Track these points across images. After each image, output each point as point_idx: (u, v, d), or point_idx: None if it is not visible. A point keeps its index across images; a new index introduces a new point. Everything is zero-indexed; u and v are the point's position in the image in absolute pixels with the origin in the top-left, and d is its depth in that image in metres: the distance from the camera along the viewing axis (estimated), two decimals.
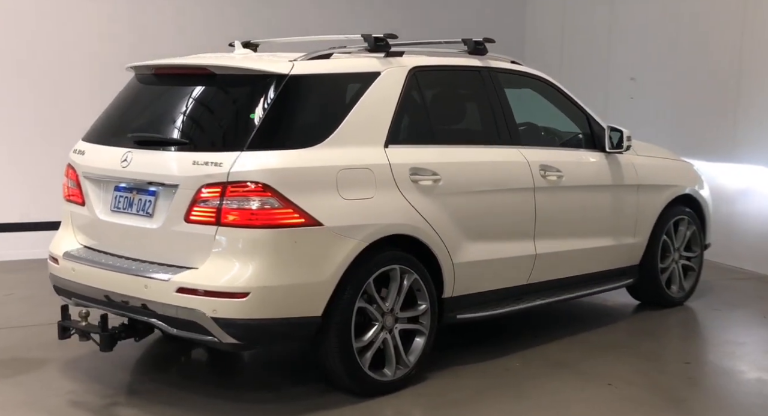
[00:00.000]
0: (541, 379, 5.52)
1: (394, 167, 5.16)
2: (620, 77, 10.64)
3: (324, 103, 5.20)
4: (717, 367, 5.93)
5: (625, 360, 5.90)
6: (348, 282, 4.92)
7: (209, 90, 5.15)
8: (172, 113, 5.23)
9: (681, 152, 7.93)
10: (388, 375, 5.19)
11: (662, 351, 6.19)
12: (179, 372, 5.81)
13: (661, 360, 5.94)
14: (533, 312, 6.66)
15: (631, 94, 10.51)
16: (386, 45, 5.48)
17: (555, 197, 6.12)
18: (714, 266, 8.55)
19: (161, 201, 4.91)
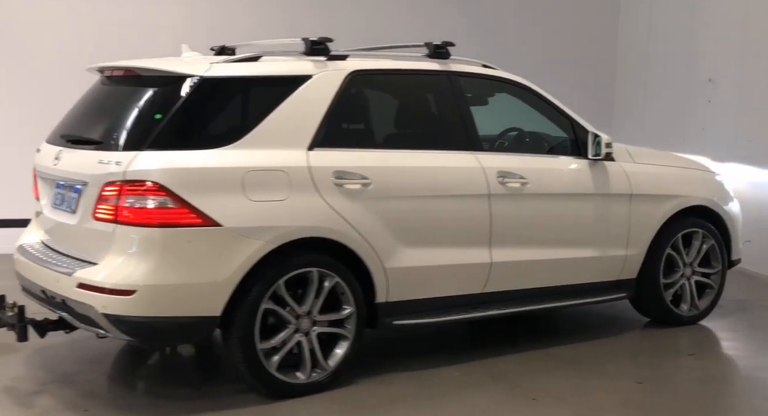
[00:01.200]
0: (468, 391, 5.36)
1: (314, 170, 5.17)
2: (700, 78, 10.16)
3: (240, 105, 5.27)
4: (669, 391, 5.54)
5: (576, 377, 5.62)
6: (253, 283, 4.95)
7: (132, 91, 5.31)
8: (100, 114, 5.44)
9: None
10: (300, 378, 5.18)
11: (627, 369, 5.85)
12: (120, 367, 5.93)
13: (615, 379, 5.61)
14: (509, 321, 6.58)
15: (709, 97, 10.00)
16: (324, 49, 5.47)
17: (517, 205, 5.93)
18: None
19: (82, 199, 5.12)
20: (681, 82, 10.87)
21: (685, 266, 6.86)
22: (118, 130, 5.14)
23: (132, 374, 5.84)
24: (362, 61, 5.66)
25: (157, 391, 5.41)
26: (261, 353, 5.04)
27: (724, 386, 5.57)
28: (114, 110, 5.30)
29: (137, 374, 5.86)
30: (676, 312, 6.83)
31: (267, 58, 5.42)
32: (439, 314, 5.76)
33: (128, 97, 5.27)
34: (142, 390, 5.52)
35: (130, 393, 5.41)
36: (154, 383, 5.63)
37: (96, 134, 5.30)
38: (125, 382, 5.63)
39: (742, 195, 9.12)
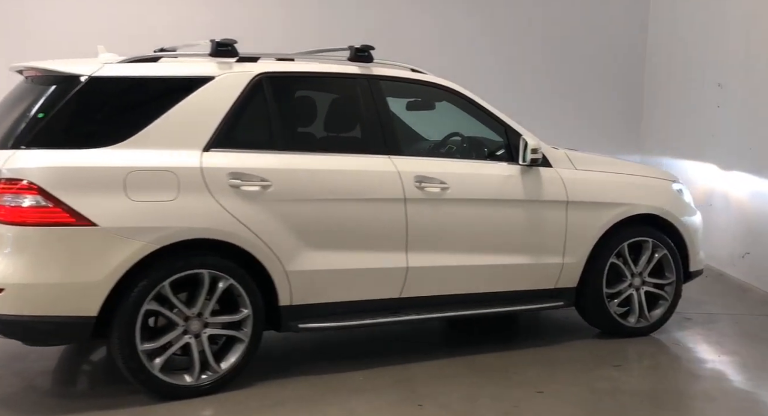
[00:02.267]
0: (359, 396, 5.30)
1: (207, 171, 5.16)
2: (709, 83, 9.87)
3: (131, 105, 5.28)
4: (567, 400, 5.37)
5: (475, 384, 5.52)
6: (134, 283, 4.96)
7: (30, 90, 5.37)
8: (3, 113, 5.51)
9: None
10: (187, 380, 5.18)
11: (536, 379, 5.65)
12: (18, 364, 5.88)
13: (516, 389, 5.47)
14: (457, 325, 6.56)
15: (718, 102, 9.70)
16: (229, 51, 5.47)
17: (436, 210, 5.83)
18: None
19: None
20: (692, 87, 10.55)
21: (633, 276, 6.61)
22: (7, 129, 5.19)
23: (37, 372, 5.84)
24: (271, 64, 5.63)
25: (52, 390, 5.50)
26: (143, 354, 5.04)
27: (623, 399, 5.33)
28: (12, 109, 5.36)
29: (43, 372, 5.86)
30: (622, 323, 6.61)
31: (167, 60, 5.41)
32: (350, 318, 5.68)
33: (25, 96, 5.33)
34: (36, 388, 5.52)
35: (21, 391, 5.45)
36: (49, 381, 5.67)
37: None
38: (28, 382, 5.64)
39: (743, 205, 8.86)
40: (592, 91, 11.80)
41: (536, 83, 11.57)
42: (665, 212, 6.67)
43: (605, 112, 11.87)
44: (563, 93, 11.67)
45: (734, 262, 9.24)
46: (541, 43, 11.59)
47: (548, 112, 11.45)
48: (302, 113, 5.90)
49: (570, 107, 11.66)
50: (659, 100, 11.64)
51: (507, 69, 11.42)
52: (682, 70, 10.92)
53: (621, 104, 11.93)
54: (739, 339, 6.83)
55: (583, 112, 11.73)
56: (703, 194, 10.00)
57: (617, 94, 11.90)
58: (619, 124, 11.96)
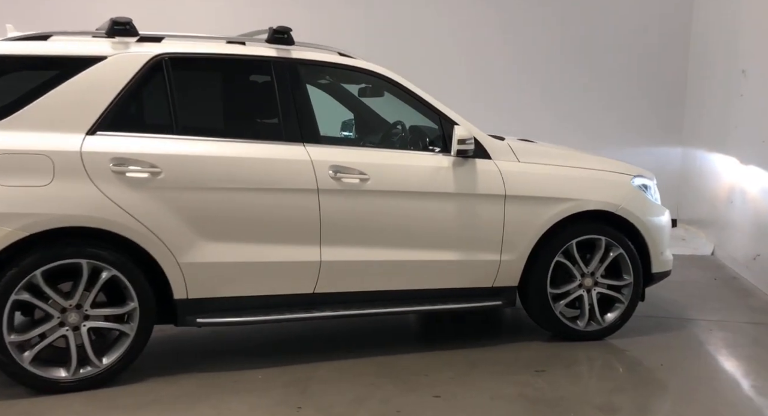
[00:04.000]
0: (241, 396, 5.03)
1: (87, 156, 4.93)
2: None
3: (8, 84, 5.05)
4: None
5: (376, 385, 5.20)
6: (3, 272, 4.79)
7: None
8: None
9: None
10: (62, 374, 4.96)
11: (439, 382, 5.28)
12: None
13: (416, 392, 5.11)
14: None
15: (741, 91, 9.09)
16: (126, 30, 5.22)
17: (353, 202, 5.49)
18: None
19: None
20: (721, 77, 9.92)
21: (584, 276, 6.15)
22: None
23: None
24: (173, 44, 5.35)
25: None
26: (11, 346, 4.83)
27: (522, 406, 4.92)
28: None
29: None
30: (570, 326, 6.17)
31: (58, 38, 5.18)
32: (258, 313, 5.38)
33: None
34: None
35: None
36: None
37: None
38: None
39: (758, 203, 8.24)
40: (633, 82, 11.34)
41: (572, 75, 11.17)
42: (620, 208, 6.17)
43: (646, 104, 11.34)
44: (601, 85, 11.36)
45: (748, 264, 8.65)
46: (575, 33, 11.15)
47: (581, 105, 11.08)
48: (205, 97, 5.60)
49: (611, 99, 11.25)
50: (703, 90, 10.98)
51: (545, 60, 11.08)
52: (724, 59, 10.25)
53: (663, 95, 11.37)
54: (699, 348, 6.29)
55: (624, 104, 11.29)
56: (726, 190, 9.41)
57: (657, 85, 11.33)
58: (658, 116, 11.40)
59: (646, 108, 11.39)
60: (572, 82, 11.24)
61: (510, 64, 11.04)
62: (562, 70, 11.20)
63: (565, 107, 11.23)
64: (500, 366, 5.63)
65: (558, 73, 11.20)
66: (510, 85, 11.16)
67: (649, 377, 5.60)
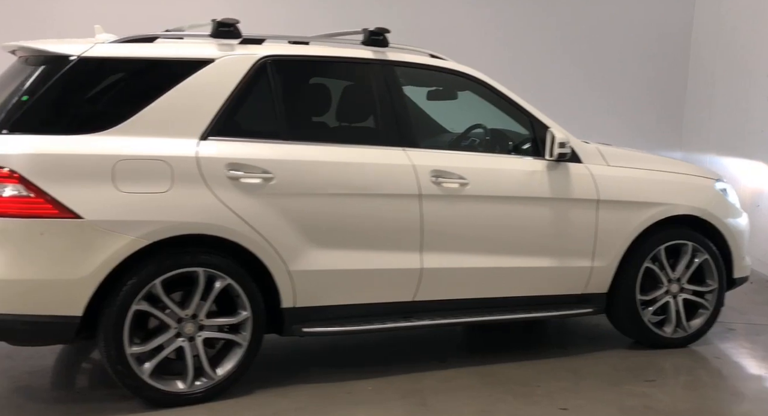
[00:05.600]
0: (364, 408, 4.89)
1: (203, 161, 4.78)
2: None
3: (123, 88, 4.92)
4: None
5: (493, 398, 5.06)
6: (123, 282, 4.60)
7: (19, 71, 5.02)
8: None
9: None
10: (180, 387, 4.80)
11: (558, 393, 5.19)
12: (6, 363, 5.64)
13: (538, 404, 5.01)
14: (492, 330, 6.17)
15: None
16: (231, 32, 5.08)
17: (454, 207, 5.39)
18: None
19: None
20: (743, 79, 9.97)
21: (670, 282, 6.11)
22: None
23: (19, 370, 5.50)
24: (277, 46, 5.22)
25: (39, 392, 5.15)
26: (131, 358, 4.66)
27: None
28: (2, 92, 5.01)
29: (24, 371, 5.51)
30: (657, 333, 6.12)
31: (164, 40, 5.03)
32: (359, 322, 5.27)
33: (14, 77, 4.99)
34: (22, 389, 5.18)
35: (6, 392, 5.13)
36: (37, 382, 5.31)
37: None
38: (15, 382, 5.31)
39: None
40: (631, 84, 11.31)
41: (569, 76, 11.11)
42: (707, 213, 6.16)
43: (644, 106, 11.35)
44: (598, 86, 11.24)
45: None
46: (577, 33, 11.11)
47: (582, 106, 11.04)
48: (310, 101, 5.47)
49: (606, 101, 11.20)
50: (704, 94, 11.05)
51: (538, 60, 10.99)
52: (730, 61, 10.33)
53: (661, 98, 11.38)
54: None
55: (621, 106, 11.25)
56: (750, 195, 9.46)
57: (657, 88, 11.36)
58: (658, 119, 11.42)
59: (644, 112, 11.36)
60: (570, 85, 11.18)
61: (508, 66, 10.92)
62: (560, 73, 11.15)
63: (564, 110, 11.16)
64: (605, 376, 5.56)
65: (556, 77, 11.13)
66: (508, 87, 11.08)
67: (766, 384, 5.56)
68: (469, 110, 6.17)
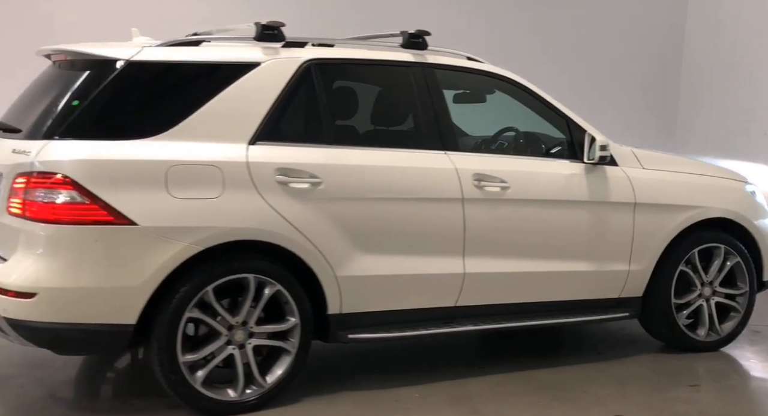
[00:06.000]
0: (416, 414, 4.78)
1: (253, 166, 4.71)
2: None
3: (171, 92, 4.82)
4: None
5: (544, 404, 5.02)
6: (175, 289, 4.51)
7: (61, 76, 4.94)
8: (31, 100, 5.08)
9: None
10: (231, 395, 4.71)
11: (608, 399, 5.16)
12: (50, 376, 5.54)
13: (589, 410, 4.98)
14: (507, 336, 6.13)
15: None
16: (276, 35, 5.01)
17: (496, 211, 5.36)
18: None
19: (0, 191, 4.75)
20: (745, 82, 10.02)
21: (703, 285, 6.11)
22: (35, 117, 4.75)
23: (61, 382, 5.43)
24: (320, 50, 5.18)
25: (82, 403, 5.04)
26: (184, 366, 4.57)
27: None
28: (41, 96, 4.94)
29: (66, 382, 5.46)
30: (691, 337, 6.12)
31: (209, 43, 4.96)
32: (402, 328, 5.21)
33: (55, 82, 4.90)
34: (67, 400, 5.11)
35: (43, 401, 5.01)
36: (81, 393, 5.24)
37: (19, 121, 4.92)
38: (50, 391, 5.21)
39: None
40: (623, 85, 11.31)
41: (560, 76, 11.03)
42: (739, 215, 6.18)
43: (637, 106, 11.36)
44: (591, 86, 11.17)
45: None
46: (568, 34, 11.09)
47: (573, 106, 10.95)
48: (353, 104, 5.42)
49: (598, 102, 11.12)
50: (697, 97, 11.10)
51: (529, 60, 10.91)
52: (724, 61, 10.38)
53: (654, 101, 11.40)
54: None
55: (613, 107, 11.21)
56: None
57: (650, 91, 11.37)
58: (651, 119, 11.44)
59: (637, 113, 11.36)
60: (562, 85, 11.08)
61: (500, 65, 10.84)
62: (551, 73, 11.04)
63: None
64: (647, 381, 5.56)
65: (546, 77, 10.98)
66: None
67: None
68: (493, 113, 6.13)
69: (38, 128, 4.58)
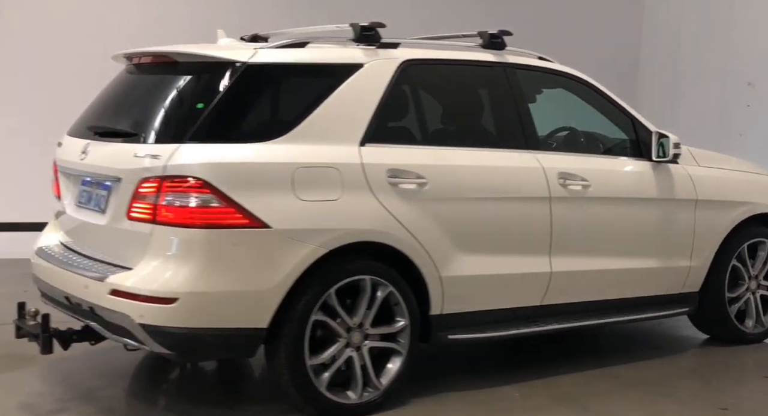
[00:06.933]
0: (533, 414, 4.81)
1: (367, 168, 4.67)
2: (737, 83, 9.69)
3: (287, 95, 4.79)
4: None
5: (648, 401, 5.11)
6: (302, 292, 4.46)
7: (168, 79, 4.83)
8: (133, 103, 4.98)
9: None
10: (351, 398, 4.67)
11: (703, 393, 5.31)
12: (145, 382, 5.48)
13: (693, 405, 5.09)
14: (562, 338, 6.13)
15: (748, 101, 9.56)
16: (375, 35, 4.98)
17: (579, 209, 5.44)
18: None
19: (112, 196, 4.64)
20: (715, 85, 10.37)
21: (750, 279, 6.32)
22: (154, 120, 4.63)
23: (154, 389, 5.38)
24: (415, 50, 5.18)
25: (180, 409, 4.89)
26: (310, 370, 4.50)
27: None
28: (148, 99, 4.81)
29: (160, 389, 5.40)
30: (740, 329, 6.31)
31: (314, 45, 4.91)
32: (496, 328, 5.23)
33: (164, 85, 4.78)
34: (164, 407, 5.02)
35: (152, 411, 4.91)
36: (177, 400, 5.15)
37: (128, 125, 4.80)
38: (147, 398, 5.13)
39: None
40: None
41: None
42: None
43: None
44: None
45: None
46: (536, 36, 11.20)
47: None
48: (447, 104, 5.45)
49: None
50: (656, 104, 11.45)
51: None
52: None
53: None
54: None
55: None
56: None
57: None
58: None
59: None
60: None
61: None
62: None
63: None
64: (728, 373, 5.74)
65: None
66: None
67: None
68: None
69: (163, 131, 4.50)
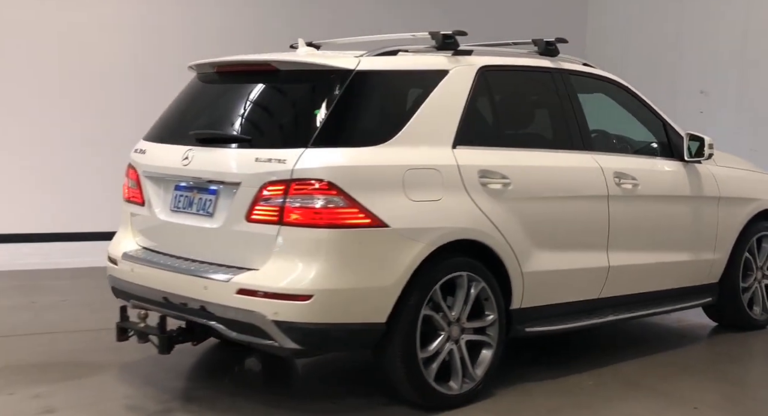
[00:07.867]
0: (617, 400, 5.17)
1: (462, 169, 4.91)
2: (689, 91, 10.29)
3: (390, 100, 4.99)
4: None
5: (707, 384, 5.51)
6: (414, 288, 4.67)
7: (272, 86, 4.99)
8: (234, 111, 5.09)
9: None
10: (454, 388, 4.90)
11: (748, 376, 5.76)
12: (235, 380, 5.61)
13: (748, 386, 5.53)
14: (600, 330, 6.42)
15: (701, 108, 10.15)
16: (455, 43, 5.22)
17: (630, 207, 5.80)
18: None
19: (222, 200, 4.74)
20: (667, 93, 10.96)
21: (756, 269, 6.82)
22: (270, 126, 4.81)
23: (246, 386, 5.48)
24: (488, 57, 5.44)
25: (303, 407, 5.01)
26: (421, 362, 4.71)
27: None
28: (257, 107, 4.99)
29: (251, 386, 5.50)
30: (751, 316, 6.81)
31: (405, 53, 5.14)
32: (566, 320, 5.56)
33: (267, 92, 4.97)
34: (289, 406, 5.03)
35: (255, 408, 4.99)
36: (286, 396, 5.22)
37: (238, 131, 4.93)
38: (245, 395, 5.18)
39: None
40: None
41: None
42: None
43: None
44: None
45: None
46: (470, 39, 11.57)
47: None
48: (517, 108, 5.75)
49: None
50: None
51: None
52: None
53: None
54: None
55: None
56: None
57: None
58: None
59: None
60: None
61: None
62: None
63: None
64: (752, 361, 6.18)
65: None
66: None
67: None
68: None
69: (285, 137, 4.72)
